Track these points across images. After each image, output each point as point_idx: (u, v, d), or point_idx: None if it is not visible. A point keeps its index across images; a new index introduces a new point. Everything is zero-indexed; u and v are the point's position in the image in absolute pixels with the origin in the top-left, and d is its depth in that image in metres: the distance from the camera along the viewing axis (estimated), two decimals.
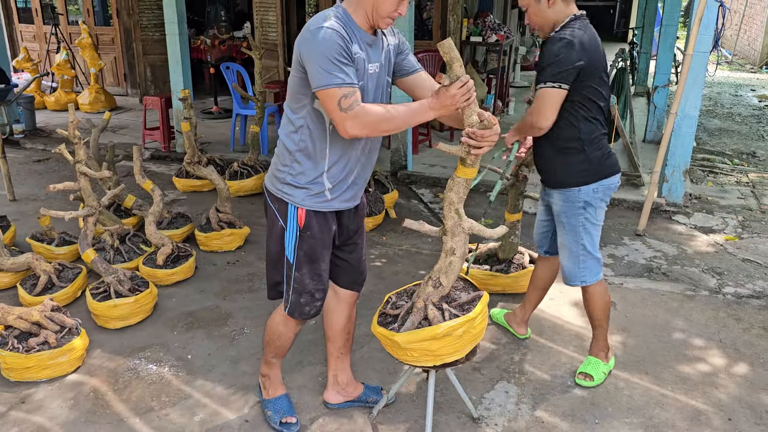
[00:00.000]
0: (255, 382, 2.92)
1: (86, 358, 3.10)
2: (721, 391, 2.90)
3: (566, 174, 2.71)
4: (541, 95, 2.54)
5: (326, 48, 2.00)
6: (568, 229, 2.77)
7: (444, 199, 2.22)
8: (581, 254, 2.78)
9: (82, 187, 3.42)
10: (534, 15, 2.66)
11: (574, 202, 2.71)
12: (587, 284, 2.83)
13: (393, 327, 2.26)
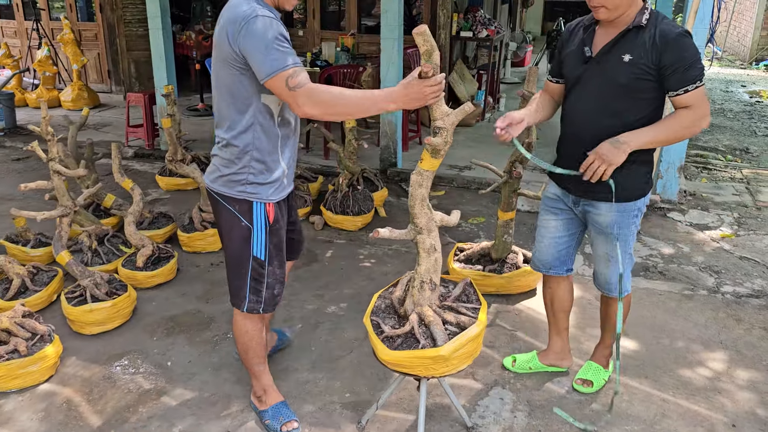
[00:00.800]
0: (237, 390, 2.79)
1: (60, 366, 2.95)
2: (724, 396, 2.79)
3: (632, 187, 2.39)
4: (702, 94, 2.20)
5: (270, 36, 2.00)
6: (621, 239, 2.46)
7: (412, 196, 2.09)
8: (627, 263, 2.53)
9: (56, 186, 3.26)
10: None
11: (630, 212, 2.43)
12: (628, 293, 2.63)
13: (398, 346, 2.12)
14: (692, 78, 2.16)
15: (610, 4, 2.18)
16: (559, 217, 2.62)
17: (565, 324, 2.88)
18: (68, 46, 8.57)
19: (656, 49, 2.15)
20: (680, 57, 2.14)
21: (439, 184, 5.66)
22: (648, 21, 2.20)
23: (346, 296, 3.64)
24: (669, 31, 2.15)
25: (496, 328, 3.32)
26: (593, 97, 2.33)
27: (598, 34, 2.33)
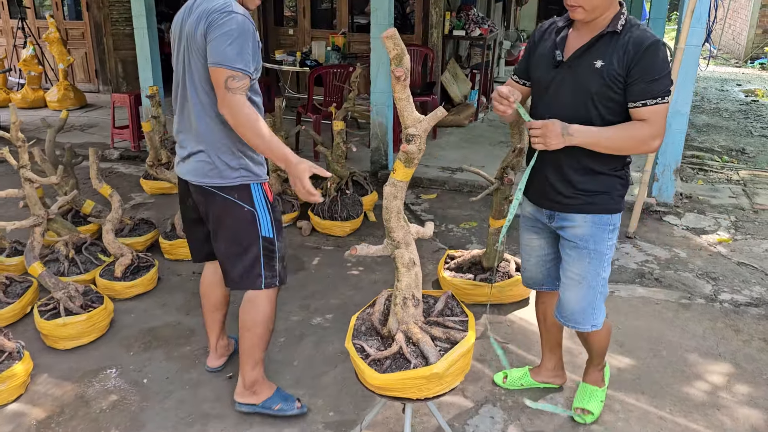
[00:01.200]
0: (216, 410, 2.66)
1: (30, 384, 2.81)
2: (723, 413, 2.68)
3: (608, 199, 2.23)
4: (662, 112, 2.05)
5: (242, 34, 2.13)
6: (594, 257, 2.26)
7: (387, 209, 1.96)
8: (600, 289, 2.31)
9: (27, 194, 3.12)
10: None
11: (606, 226, 2.25)
12: (598, 328, 2.39)
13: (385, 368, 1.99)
14: (656, 92, 2.02)
15: (588, 5, 2.04)
16: (541, 235, 2.46)
17: (559, 339, 2.73)
18: (54, 45, 8.40)
19: (628, 55, 2.02)
20: (649, 67, 2.01)
21: (431, 187, 5.54)
22: (623, 27, 2.06)
23: (332, 307, 3.52)
24: (643, 39, 2.02)
25: (487, 340, 3.20)
26: (564, 105, 2.16)
27: (571, 37, 2.18)
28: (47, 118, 7.49)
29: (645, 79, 2.01)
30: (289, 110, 7.72)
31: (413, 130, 1.84)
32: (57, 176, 3.24)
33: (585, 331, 2.40)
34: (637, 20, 2.11)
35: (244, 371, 2.56)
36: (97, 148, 5.76)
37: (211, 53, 2.14)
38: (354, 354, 1.99)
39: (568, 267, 2.32)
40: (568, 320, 2.39)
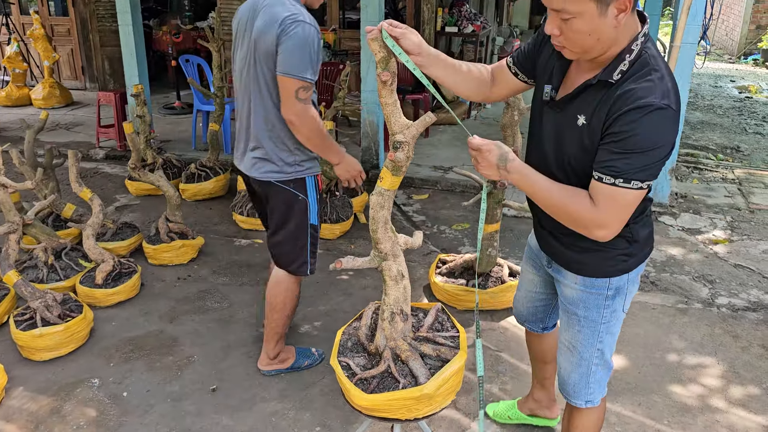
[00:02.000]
0: (197, 425, 2.56)
1: (4, 398, 2.70)
2: (723, 424, 2.60)
3: (600, 265, 1.76)
4: (618, 200, 1.51)
5: (310, 44, 2.29)
6: (584, 325, 1.84)
7: (374, 219, 1.86)
8: (594, 362, 1.89)
9: (1, 200, 3.00)
10: (581, 35, 1.47)
11: (601, 291, 1.79)
12: (594, 405, 1.96)
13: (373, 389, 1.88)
14: (619, 170, 1.46)
15: (575, 47, 1.52)
16: (538, 273, 2.08)
17: (548, 374, 2.42)
18: (39, 42, 8.24)
19: (611, 111, 1.49)
20: (625, 133, 1.45)
21: (423, 187, 5.44)
22: (622, 76, 1.50)
23: (320, 314, 3.41)
24: (639, 96, 1.44)
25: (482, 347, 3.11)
26: (549, 144, 1.72)
27: (572, 69, 1.66)
28: (31, 117, 7.36)
29: (612, 148, 1.48)
30: None
31: (401, 137, 1.74)
32: (33, 181, 3.12)
33: (578, 407, 1.98)
34: (657, 61, 1.50)
35: (269, 346, 2.81)
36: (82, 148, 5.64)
37: (281, 62, 2.29)
38: (340, 373, 1.89)
39: (561, 329, 1.96)
40: (561, 389, 2.02)
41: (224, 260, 4.02)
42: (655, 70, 1.48)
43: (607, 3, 1.41)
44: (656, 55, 1.52)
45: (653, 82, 1.46)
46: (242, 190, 4.66)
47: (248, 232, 4.43)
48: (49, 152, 4.03)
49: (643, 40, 1.51)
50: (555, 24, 1.49)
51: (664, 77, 1.48)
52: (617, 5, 1.42)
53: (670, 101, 1.44)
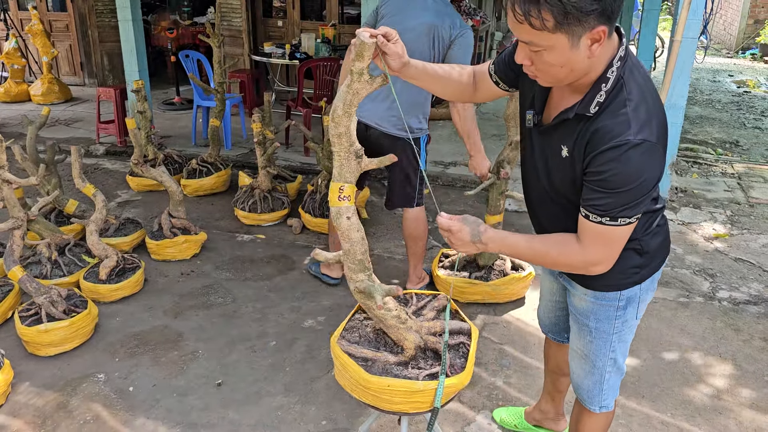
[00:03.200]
0: (204, 419, 2.57)
1: (11, 394, 2.70)
2: (727, 417, 2.62)
3: (610, 279, 1.69)
4: (605, 237, 1.48)
5: None
6: (596, 336, 1.81)
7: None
8: (608, 371, 1.86)
9: (5, 196, 3.00)
10: (553, 67, 1.39)
11: (612, 302, 1.75)
12: (608, 410, 1.96)
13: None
14: (604, 208, 1.42)
15: (547, 77, 1.44)
16: (555, 280, 2.00)
17: (561, 387, 2.35)
18: (37, 38, 8.21)
19: (588, 146, 1.44)
20: (605, 174, 1.39)
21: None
22: (600, 108, 1.42)
23: (324, 308, 3.43)
24: (614, 134, 1.38)
25: (483, 341, 3.13)
26: (541, 168, 1.65)
27: (554, 90, 1.58)
28: (30, 113, 7.35)
29: (595, 187, 1.42)
30: (278, 104, 7.60)
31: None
32: (37, 177, 3.12)
33: (589, 410, 1.96)
34: (632, 88, 1.41)
35: (417, 269, 3.55)
36: (82, 143, 5.63)
37: (453, 56, 3.06)
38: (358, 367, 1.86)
39: (572, 337, 1.92)
40: (576, 392, 2.00)
41: (227, 256, 4.03)
42: (629, 100, 1.40)
43: (579, 35, 1.32)
44: (633, 79, 1.43)
45: (627, 116, 1.38)
46: (244, 186, 4.66)
47: (250, 227, 4.44)
48: (51, 148, 4.03)
49: (619, 65, 1.41)
50: (525, 54, 1.41)
51: (638, 106, 1.40)
52: (590, 36, 1.33)
53: (645, 134, 1.37)
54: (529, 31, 1.32)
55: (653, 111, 1.42)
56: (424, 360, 1.91)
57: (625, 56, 1.42)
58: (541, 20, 1.29)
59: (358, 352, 1.90)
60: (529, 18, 1.30)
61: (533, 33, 1.33)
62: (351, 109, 1.63)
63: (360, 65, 1.55)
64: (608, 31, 1.34)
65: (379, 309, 1.83)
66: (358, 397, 1.88)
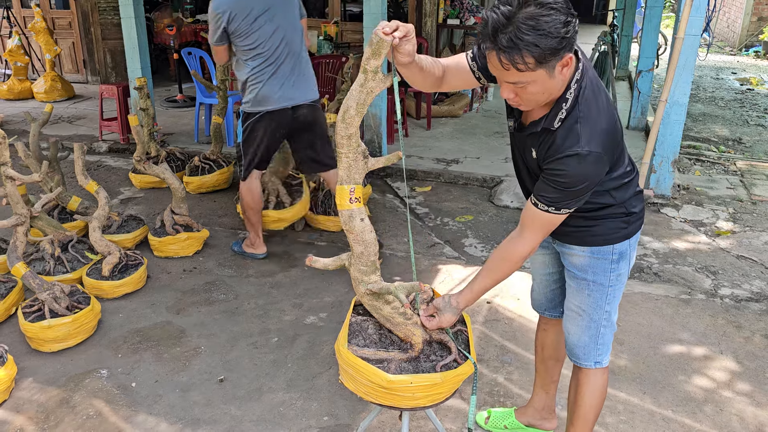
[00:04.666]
0: (206, 415, 2.58)
1: (14, 389, 2.72)
2: (727, 413, 2.62)
3: (600, 237, 1.93)
4: (535, 216, 1.78)
5: None
6: (593, 289, 1.99)
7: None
8: (603, 324, 2.03)
9: (9, 193, 3.01)
10: (536, 94, 1.62)
11: (606, 256, 1.95)
12: (601, 366, 2.09)
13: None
14: (540, 192, 1.72)
15: (530, 104, 1.68)
16: (547, 250, 2.16)
17: (555, 377, 2.42)
18: (40, 35, 8.24)
19: (547, 150, 1.72)
20: (551, 170, 1.68)
21: (426, 180, 5.45)
22: (561, 124, 1.67)
23: (326, 305, 3.44)
24: (567, 146, 1.65)
25: (484, 337, 3.14)
26: (523, 167, 1.94)
27: None
28: (33, 110, 7.37)
29: (549, 183, 1.70)
30: None
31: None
32: (40, 174, 3.13)
33: (585, 370, 2.10)
34: (588, 105, 1.65)
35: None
36: (85, 141, 5.66)
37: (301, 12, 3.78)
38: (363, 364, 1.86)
39: (569, 297, 2.08)
40: (570, 354, 2.13)
41: (229, 252, 4.04)
42: (581, 117, 1.65)
43: (553, 65, 1.55)
44: (586, 97, 1.66)
45: (578, 132, 1.64)
46: None
47: None
48: (54, 145, 4.04)
49: (576, 86, 1.65)
50: (510, 90, 1.63)
51: (588, 121, 1.65)
52: (561, 63, 1.56)
53: (592, 146, 1.64)
54: (515, 73, 1.55)
55: (601, 124, 1.67)
56: (433, 353, 1.92)
57: (581, 76, 1.66)
58: (525, 64, 1.51)
59: (372, 354, 1.88)
60: (516, 65, 1.52)
61: (518, 74, 1.55)
62: (364, 109, 1.63)
63: (375, 63, 1.55)
64: (574, 56, 1.61)
65: (407, 308, 1.83)
66: (375, 400, 1.86)
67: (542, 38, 1.47)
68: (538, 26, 1.47)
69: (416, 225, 4.51)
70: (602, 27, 15.31)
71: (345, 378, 1.93)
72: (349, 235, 1.78)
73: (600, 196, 1.85)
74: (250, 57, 3.51)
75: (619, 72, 9.46)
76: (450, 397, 1.88)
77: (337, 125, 1.66)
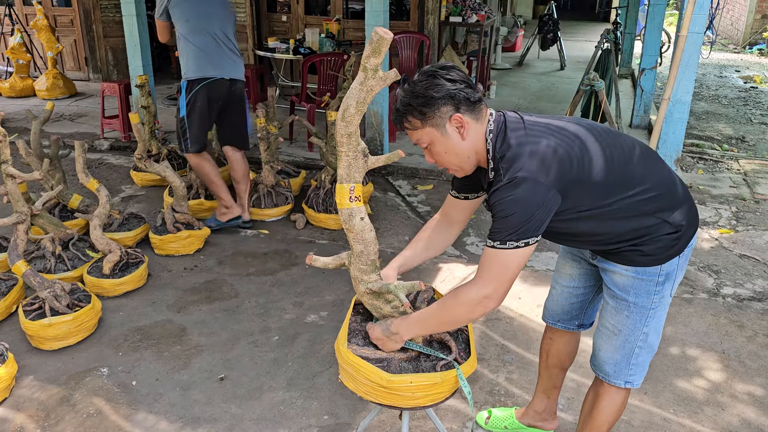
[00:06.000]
0: (207, 413, 2.58)
1: (14, 387, 2.72)
2: (728, 413, 2.61)
3: (650, 257, 1.85)
4: (492, 260, 1.69)
5: None
6: (633, 311, 1.91)
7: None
8: (638, 345, 1.94)
9: (10, 191, 3.01)
10: (444, 155, 1.75)
11: (652, 278, 1.86)
12: (633, 386, 2.02)
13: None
14: (492, 231, 1.68)
15: (450, 165, 1.79)
16: (579, 266, 2.12)
17: (558, 383, 2.38)
18: (42, 33, 8.22)
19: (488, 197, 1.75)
20: (493, 204, 1.68)
21: (428, 178, 5.44)
22: (494, 175, 1.72)
23: (327, 303, 3.43)
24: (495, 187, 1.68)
25: (485, 337, 3.13)
26: None
27: None
28: (35, 108, 7.37)
29: (493, 219, 1.69)
30: (282, 99, 7.59)
31: None
32: (41, 172, 3.13)
33: (606, 386, 2.03)
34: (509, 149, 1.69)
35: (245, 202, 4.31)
36: (86, 138, 5.65)
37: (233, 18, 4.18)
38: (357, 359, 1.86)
39: (604, 315, 2.00)
40: (598, 369, 2.05)
41: (230, 251, 4.03)
42: (503, 161, 1.68)
43: (443, 125, 1.69)
44: (506, 140, 1.70)
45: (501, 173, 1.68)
46: None
47: (254, 222, 4.44)
48: (55, 143, 4.04)
49: (492, 137, 1.73)
50: (426, 153, 1.79)
51: (510, 160, 1.67)
52: (450, 124, 1.70)
53: (517, 173, 1.64)
54: (412, 133, 1.74)
55: (526, 155, 1.67)
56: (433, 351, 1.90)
57: (495, 128, 1.74)
58: (411, 124, 1.72)
59: (372, 354, 1.87)
60: (405, 127, 1.74)
61: (414, 134, 1.74)
62: (364, 107, 1.62)
63: (375, 61, 1.54)
64: (467, 115, 1.70)
65: (407, 307, 1.83)
66: (375, 399, 1.84)
67: (414, 98, 1.68)
68: (413, 90, 1.69)
69: (418, 223, 4.49)
70: (605, 25, 15.28)
71: (345, 377, 1.92)
72: (348, 234, 1.77)
73: (634, 217, 1.79)
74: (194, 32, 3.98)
75: (622, 70, 9.43)
76: (450, 396, 1.87)
77: (337, 123, 1.65)
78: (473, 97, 1.70)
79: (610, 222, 1.79)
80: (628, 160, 1.79)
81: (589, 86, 5.35)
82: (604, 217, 1.78)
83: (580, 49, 12.53)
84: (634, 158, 1.81)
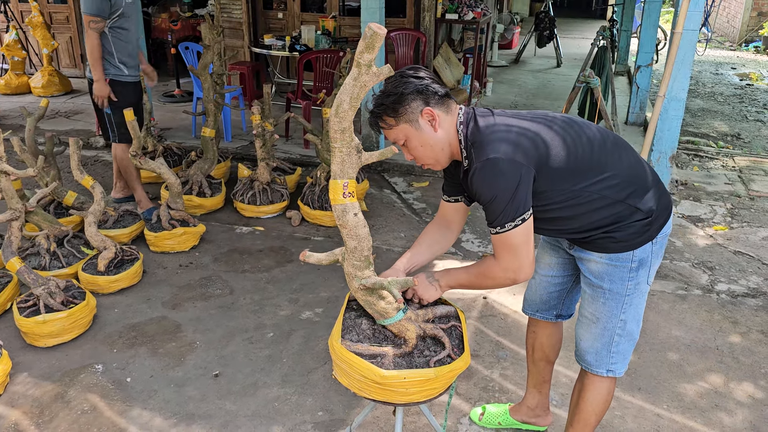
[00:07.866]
0: (202, 410, 2.58)
1: (9, 384, 2.72)
2: (721, 410, 2.62)
3: (622, 243, 1.89)
4: (505, 243, 1.77)
5: None
6: (609, 298, 1.95)
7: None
8: (618, 333, 1.98)
9: (3, 187, 3.00)
10: (420, 148, 1.81)
11: (625, 263, 1.90)
12: (615, 375, 2.05)
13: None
14: (491, 220, 1.75)
15: (427, 160, 1.85)
16: (557, 255, 2.16)
17: (547, 377, 2.41)
18: (37, 30, 8.19)
19: (468, 184, 1.81)
20: (479, 194, 1.76)
21: (423, 175, 5.45)
22: (468, 163, 1.80)
23: (322, 300, 3.43)
24: (471, 168, 1.76)
25: (479, 333, 3.14)
26: None
27: None
28: (30, 105, 7.35)
29: (484, 205, 1.77)
30: (278, 96, 7.58)
31: None
32: (35, 169, 3.13)
33: (591, 376, 2.07)
34: (479, 137, 1.77)
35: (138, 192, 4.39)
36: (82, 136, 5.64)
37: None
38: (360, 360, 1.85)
39: (583, 304, 2.05)
40: (580, 359, 2.10)
41: (225, 247, 4.03)
42: (474, 148, 1.77)
43: (416, 119, 1.76)
44: (477, 131, 1.78)
45: (472, 158, 1.77)
46: (243, 178, 4.67)
47: (249, 219, 4.44)
48: (49, 140, 4.03)
49: (462, 128, 1.80)
50: (403, 150, 1.85)
51: (480, 146, 1.75)
52: (423, 118, 1.77)
53: (489, 155, 1.71)
54: (388, 133, 1.80)
55: (495, 139, 1.75)
56: (426, 348, 1.91)
57: (465, 119, 1.82)
58: (387, 123, 1.79)
59: (365, 350, 1.87)
60: (381, 127, 1.81)
61: (390, 133, 1.80)
62: (357, 103, 1.62)
63: (368, 57, 1.54)
64: (437, 108, 1.78)
65: (400, 303, 1.83)
66: (368, 395, 1.85)
67: (385, 98, 1.76)
68: (383, 91, 1.78)
69: (413, 220, 4.50)
70: (602, 22, 15.28)
71: (339, 373, 1.93)
72: (342, 230, 1.77)
73: (606, 206, 1.83)
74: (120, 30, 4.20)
75: (618, 67, 9.44)
76: (444, 392, 1.88)
77: (331, 119, 1.65)
78: (440, 91, 1.80)
79: (583, 210, 1.84)
80: (594, 147, 1.85)
81: (585, 83, 5.35)
82: (579, 205, 1.83)
83: (576, 47, 12.54)
84: (600, 146, 1.87)
